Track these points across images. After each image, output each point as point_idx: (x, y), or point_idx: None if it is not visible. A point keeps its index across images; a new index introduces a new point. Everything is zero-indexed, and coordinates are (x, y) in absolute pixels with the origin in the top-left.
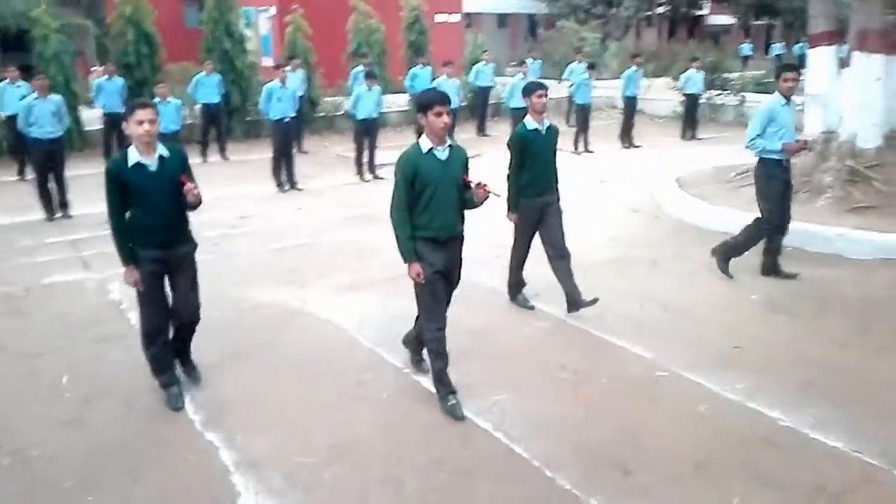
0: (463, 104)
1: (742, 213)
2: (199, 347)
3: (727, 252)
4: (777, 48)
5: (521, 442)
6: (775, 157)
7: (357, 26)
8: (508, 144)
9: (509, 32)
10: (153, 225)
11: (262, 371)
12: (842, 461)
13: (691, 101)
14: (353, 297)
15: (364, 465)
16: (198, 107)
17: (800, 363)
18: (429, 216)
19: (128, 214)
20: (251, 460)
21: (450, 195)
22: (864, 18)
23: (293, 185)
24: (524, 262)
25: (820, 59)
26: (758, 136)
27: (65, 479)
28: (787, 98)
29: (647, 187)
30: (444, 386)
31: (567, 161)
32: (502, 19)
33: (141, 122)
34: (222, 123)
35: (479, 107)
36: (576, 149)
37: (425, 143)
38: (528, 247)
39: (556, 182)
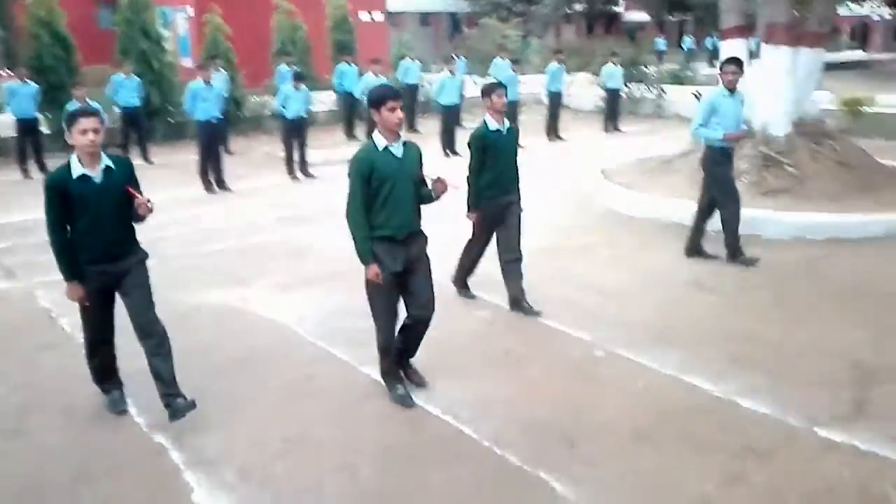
0: None
1: (664, 199)
2: (134, 351)
3: (735, 245)
4: (688, 42)
5: (470, 424)
6: (720, 145)
7: (280, 25)
8: (469, 144)
9: (432, 31)
10: (99, 239)
11: (207, 371)
12: (768, 424)
13: (612, 96)
14: (293, 295)
15: (317, 455)
16: (117, 110)
17: (726, 337)
18: (386, 214)
19: (69, 228)
20: (202, 458)
21: (407, 192)
22: (772, 12)
23: (222, 187)
24: (479, 260)
25: (731, 52)
26: (700, 125)
27: (9, 488)
28: (731, 90)
29: (575, 178)
30: (393, 378)
31: None
32: (425, 18)
33: (85, 132)
34: (143, 126)
35: (408, 104)
36: None
37: (380, 140)
38: (486, 245)
39: (518, 182)
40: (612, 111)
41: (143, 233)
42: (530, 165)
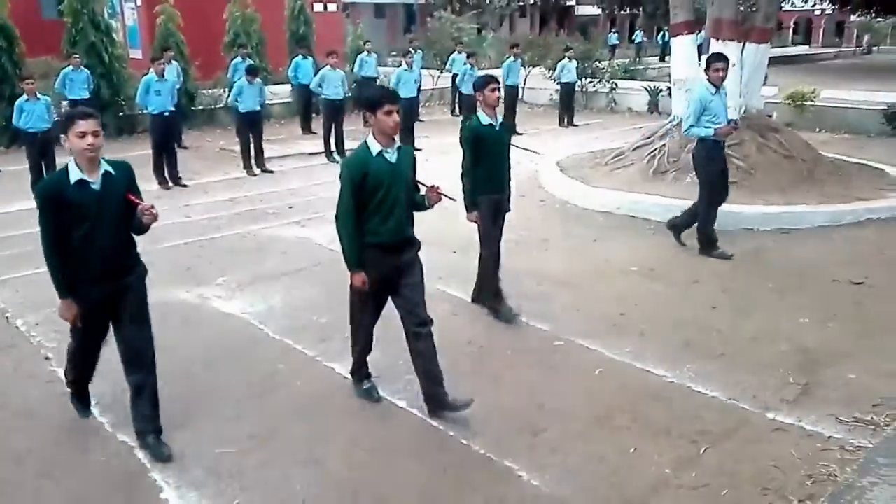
0: (348, 95)
1: (618, 192)
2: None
3: (678, 228)
4: (638, 36)
5: (436, 415)
6: (713, 140)
7: (233, 16)
8: (461, 140)
9: (387, 23)
10: (98, 251)
11: (170, 370)
12: (720, 408)
13: (566, 90)
14: (254, 291)
15: (285, 450)
16: (65, 103)
17: (678, 325)
18: (378, 220)
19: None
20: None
21: (400, 198)
22: (719, 8)
23: (177, 182)
24: (499, 259)
25: (681, 46)
26: (692, 125)
27: None
28: (717, 86)
29: (531, 172)
30: (359, 374)
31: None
32: (380, 9)
33: (83, 135)
34: None
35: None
36: None
37: (374, 145)
38: (499, 239)
39: (509, 180)
40: (567, 105)
41: None
42: None
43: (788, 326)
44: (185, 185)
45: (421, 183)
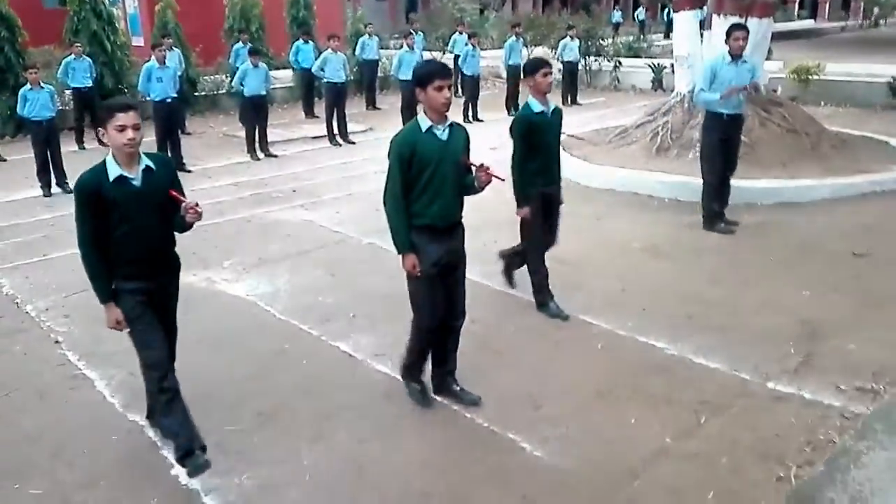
0: (350, 78)
1: (621, 170)
2: (104, 334)
3: (708, 215)
4: (641, 14)
5: None
6: (717, 110)
7: (233, 2)
8: (511, 130)
9: (388, 5)
10: (137, 251)
11: (178, 351)
12: (721, 379)
13: (569, 69)
14: (260, 274)
15: (293, 426)
16: (69, 92)
17: (681, 300)
18: (426, 201)
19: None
20: None
21: (450, 178)
22: None
23: (181, 167)
24: (544, 254)
25: (683, 22)
26: (702, 90)
27: None
28: (735, 56)
29: None
30: (413, 375)
31: None
32: None
33: (123, 129)
34: (96, 108)
35: (368, 80)
36: (465, 118)
37: (424, 121)
38: (556, 228)
39: (560, 171)
40: (570, 84)
41: None
42: (491, 139)
43: (790, 299)
44: (189, 171)
45: (470, 164)
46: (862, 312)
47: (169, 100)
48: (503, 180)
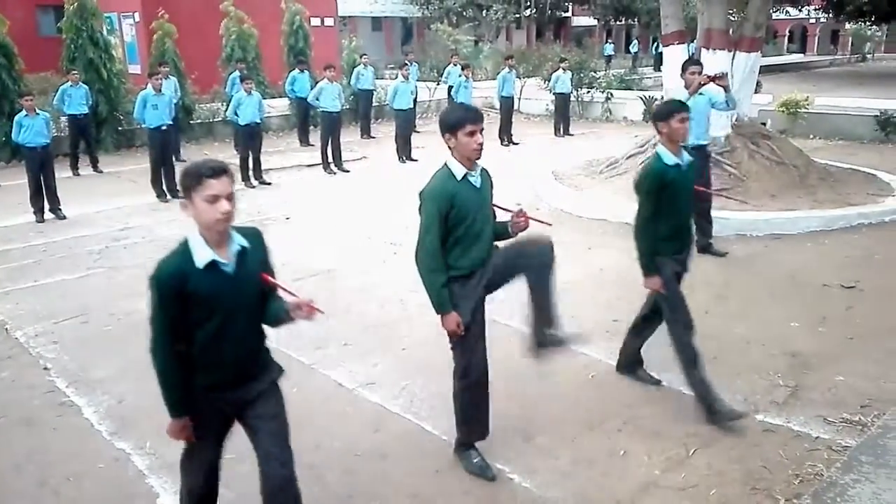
0: (346, 107)
1: (612, 200)
2: (94, 360)
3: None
4: (634, 47)
5: (429, 420)
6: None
7: (230, 31)
8: (638, 186)
9: (384, 36)
10: (225, 355)
11: None
12: None
13: (562, 100)
14: None
15: None
16: (64, 119)
17: None
18: (458, 252)
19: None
20: (165, 463)
21: (487, 226)
22: (709, 18)
23: (175, 194)
24: (693, 329)
25: (672, 56)
26: None
27: None
28: (692, 90)
29: (528, 181)
30: (468, 445)
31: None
32: (377, 23)
33: (215, 199)
34: (91, 135)
35: (363, 110)
36: None
37: (457, 169)
38: (689, 312)
39: (691, 234)
40: (563, 115)
41: (93, 243)
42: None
43: (779, 331)
44: (182, 198)
45: (498, 206)
46: (851, 344)
47: (164, 127)
48: (550, 225)
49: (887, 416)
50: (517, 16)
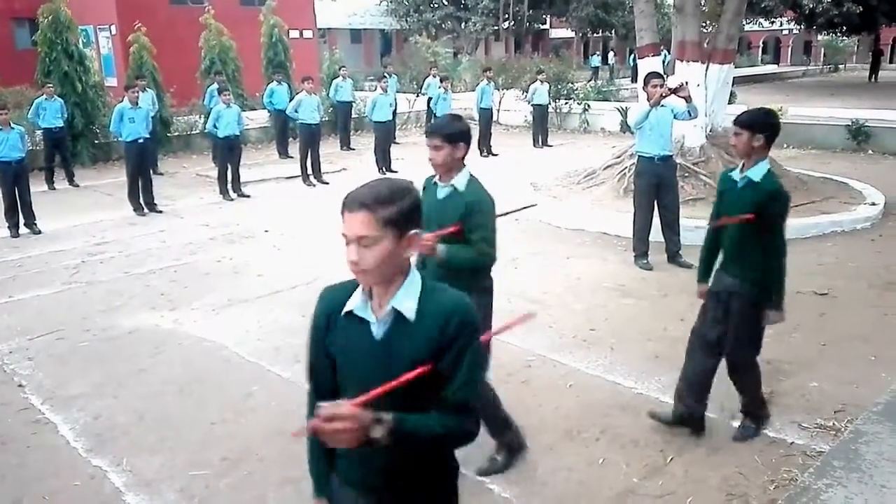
0: (325, 119)
1: (590, 210)
2: (69, 377)
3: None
4: (610, 58)
5: None
6: (646, 154)
7: (209, 43)
8: (769, 207)
9: (363, 48)
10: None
11: (143, 394)
12: None
13: (540, 112)
14: (229, 315)
15: (259, 471)
16: (39, 132)
17: (647, 338)
18: None
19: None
20: (142, 480)
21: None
22: (683, 31)
23: (153, 208)
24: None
25: (647, 68)
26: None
27: None
28: (654, 102)
29: (506, 192)
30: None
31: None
32: (356, 35)
33: (346, 241)
34: (67, 149)
35: (342, 122)
36: None
37: (436, 173)
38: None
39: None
40: (541, 127)
41: (69, 257)
42: None
43: None
44: (160, 211)
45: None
46: (824, 351)
47: (141, 140)
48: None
49: (859, 421)
50: (496, 28)
